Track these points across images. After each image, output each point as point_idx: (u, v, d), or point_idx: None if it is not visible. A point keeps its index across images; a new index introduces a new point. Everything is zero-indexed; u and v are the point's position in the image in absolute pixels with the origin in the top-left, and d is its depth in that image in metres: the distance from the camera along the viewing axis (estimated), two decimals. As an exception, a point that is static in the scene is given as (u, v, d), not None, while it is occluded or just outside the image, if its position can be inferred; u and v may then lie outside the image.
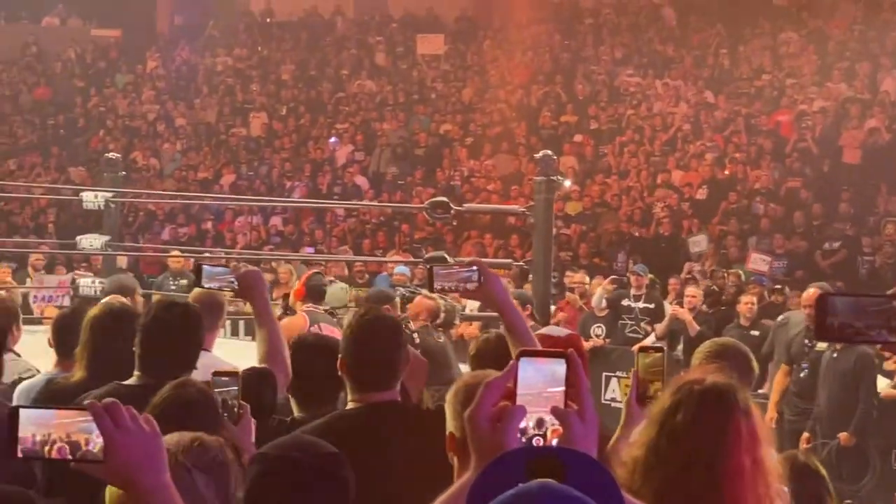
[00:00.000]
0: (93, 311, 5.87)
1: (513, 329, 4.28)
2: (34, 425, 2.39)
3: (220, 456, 3.11)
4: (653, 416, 3.15)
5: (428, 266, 4.48)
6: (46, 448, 2.38)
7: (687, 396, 3.09)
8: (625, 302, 15.85)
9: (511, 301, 4.45)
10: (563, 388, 2.25)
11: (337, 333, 8.35)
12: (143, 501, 2.50)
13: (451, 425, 3.11)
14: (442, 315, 11.37)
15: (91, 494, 3.38)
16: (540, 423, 2.24)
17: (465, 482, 2.31)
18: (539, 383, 2.25)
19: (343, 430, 4.47)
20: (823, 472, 4.63)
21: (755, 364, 5.28)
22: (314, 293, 10.28)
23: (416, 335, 10.12)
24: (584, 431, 2.23)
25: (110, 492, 2.97)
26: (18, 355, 7.22)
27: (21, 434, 2.40)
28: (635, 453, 3.11)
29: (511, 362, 2.28)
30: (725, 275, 17.13)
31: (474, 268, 4.23)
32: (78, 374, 5.59)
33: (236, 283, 5.30)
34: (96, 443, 2.40)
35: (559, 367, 2.26)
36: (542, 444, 2.22)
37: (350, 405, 4.70)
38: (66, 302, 15.04)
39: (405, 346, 4.78)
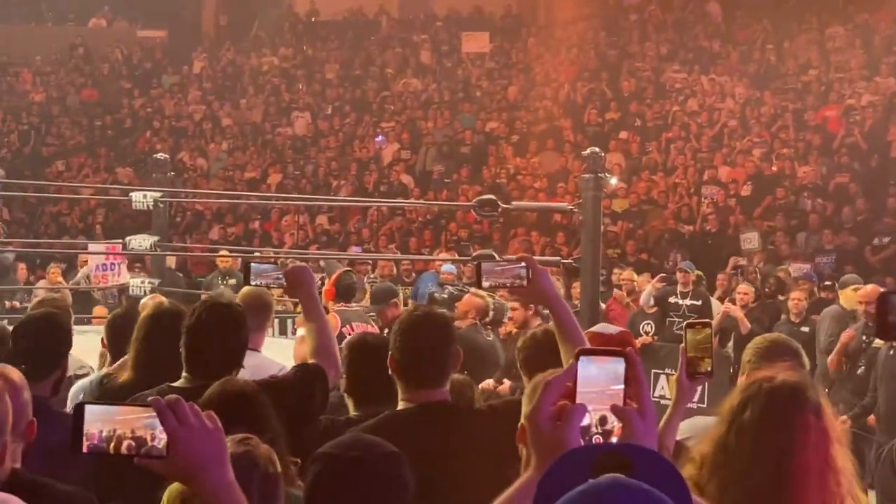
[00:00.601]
0: (144, 313, 5.89)
1: (562, 325, 4.25)
2: (99, 421, 2.40)
3: (269, 467, 3.13)
4: (722, 412, 3.15)
5: (476, 263, 4.43)
6: (112, 444, 2.39)
7: (756, 393, 3.08)
8: (672, 299, 15.77)
9: (560, 297, 4.43)
10: (622, 386, 2.25)
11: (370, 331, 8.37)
12: (208, 497, 2.51)
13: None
14: (491, 313, 11.37)
15: (146, 496, 3.41)
16: (601, 421, 2.25)
17: (526, 480, 2.32)
18: (598, 382, 2.26)
19: (395, 431, 4.45)
20: None
21: (806, 360, 5.24)
22: (344, 292, 10.26)
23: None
24: (644, 429, 2.23)
25: (170, 490, 2.99)
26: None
27: (86, 430, 2.41)
28: (704, 449, 3.11)
29: (570, 361, 2.28)
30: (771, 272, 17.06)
31: (523, 264, 4.19)
32: (126, 374, 5.62)
33: (284, 279, 5.30)
34: (160, 439, 2.41)
35: (618, 366, 2.27)
36: (601, 441, 2.23)
37: (401, 404, 4.69)
38: (123, 271, 15.06)
39: (454, 343, 4.76)
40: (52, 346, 5.53)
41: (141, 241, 14.57)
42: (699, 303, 15.67)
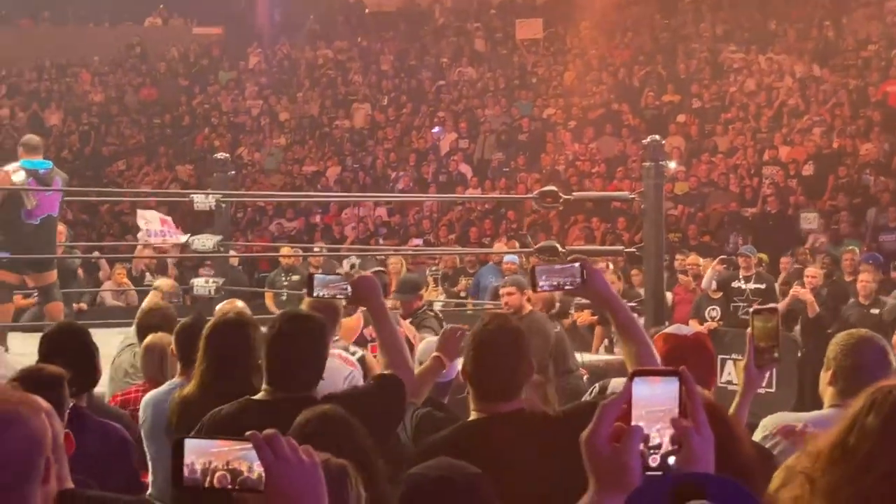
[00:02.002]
0: (209, 323, 5.87)
1: (621, 324, 4.22)
2: (194, 454, 2.42)
3: (342, 479, 3.15)
4: (847, 412, 3.14)
5: (531, 266, 4.39)
6: (207, 478, 2.41)
7: (883, 399, 3.07)
8: (735, 284, 15.68)
9: (616, 296, 4.40)
10: (677, 406, 2.26)
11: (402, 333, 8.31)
12: None
13: None
14: (557, 305, 11.35)
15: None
16: (657, 441, 2.25)
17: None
18: (653, 402, 2.26)
19: (468, 442, 4.44)
20: None
21: (892, 356, 5.16)
22: None
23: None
24: (702, 447, 2.24)
25: None
26: None
27: (185, 463, 2.43)
28: (820, 444, 3.10)
29: (625, 384, 2.28)
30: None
31: (577, 264, 4.15)
32: (191, 385, 5.63)
33: (350, 290, 5.19)
34: (256, 471, 2.43)
35: (673, 385, 2.26)
36: (657, 461, 2.23)
37: (473, 415, 4.64)
38: (178, 236, 15.14)
39: (528, 357, 4.72)
40: (89, 361, 5.58)
41: (204, 242, 14.64)
42: (763, 286, 15.56)
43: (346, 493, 2.88)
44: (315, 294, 5.20)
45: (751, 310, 4.62)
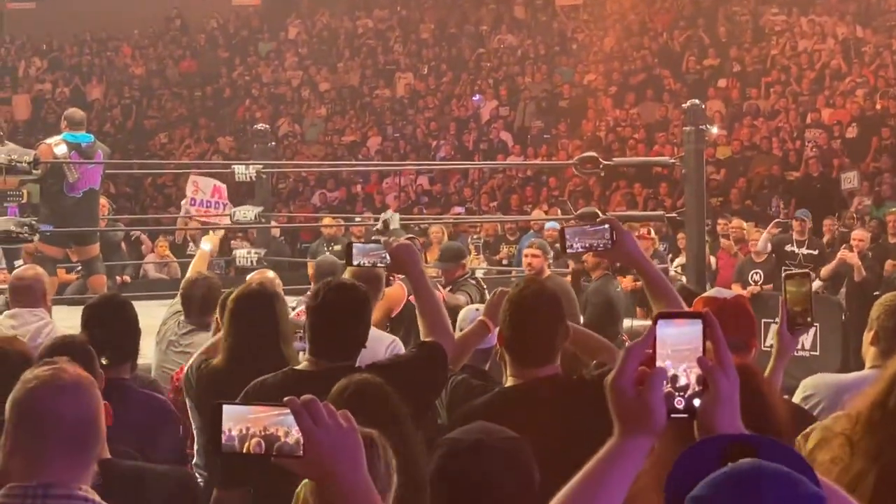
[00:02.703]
0: (233, 294, 5.83)
1: (651, 284, 4.18)
2: (231, 420, 2.42)
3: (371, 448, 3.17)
4: (885, 373, 3.12)
5: (560, 228, 4.35)
6: (245, 444, 2.42)
7: None
8: (788, 247, 15.59)
9: (646, 257, 4.35)
10: (701, 347, 2.25)
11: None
12: (342, 497, 2.53)
13: None
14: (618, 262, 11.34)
15: (273, 485, 3.43)
16: (682, 382, 2.25)
17: (612, 448, 2.31)
18: (678, 345, 2.25)
19: (505, 408, 4.44)
20: None
21: None
22: None
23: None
24: (729, 388, 2.24)
25: (306, 484, 3.03)
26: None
27: (223, 429, 2.44)
28: (860, 406, 3.09)
29: (649, 326, 2.28)
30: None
31: (607, 226, 4.11)
32: (219, 357, 5.64)
33: (388, 258, 5.12)
34: (294, 436, 2.43)
35: (697, 328, 2.26)
36: (683, 404, 2.24)
37: (509, 381, 4.65)
38: (226, 213, 15.15)
39: (564, 321, 4.70)
40: (129, 333, 5.57)
41: (245, 213, 14.70)
42: (815, 252, 15.48)
43: (376, 462, 2.88)
44: (354, 263, 5.15)
45: (783, 275, 4.59)
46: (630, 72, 26.79)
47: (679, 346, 2.25)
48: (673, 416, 2.25)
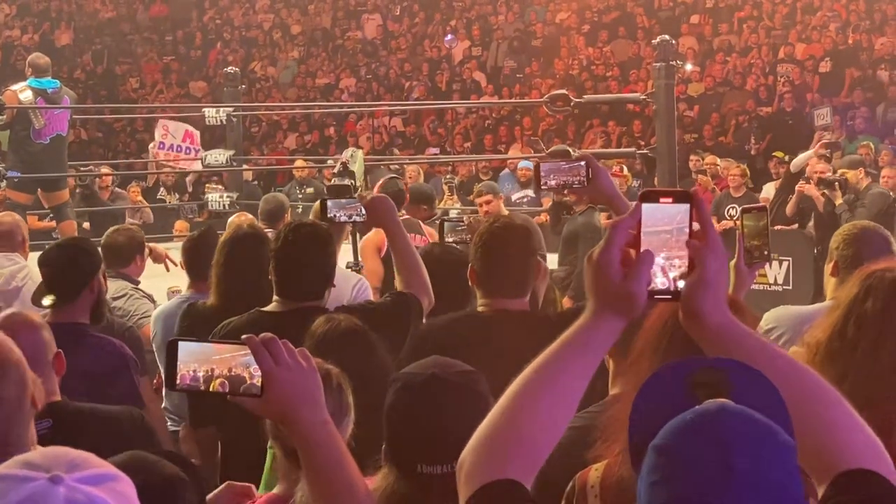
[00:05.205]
0: (223, 237, 5.86)
1: None
2: (196, 361, 2.41)
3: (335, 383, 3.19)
4: (840, 301, 3.12)
5: (535, 164, 4.32)
6: (211, 384, 2.41)
7: (878, 283, 3.05)
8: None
9: (620, 194, 4.34)
10: (687, 228, 2.14)
11: (426, 240, 8.10)
12: (302, 436, 2.53)
13: None
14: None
15: (242, 424, 3.42)
16: (666, 263, 2.14)
17: (580, 326, 2.18)
18: (663, 225, 2.14)
19: (470, 330, 4.42)
20: None
21: (895, 246, 5.13)
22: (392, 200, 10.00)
23: None
24: (717, 266, 2.13)
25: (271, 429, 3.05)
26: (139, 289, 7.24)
27: (182, 368, 2.42)
28: (819, 336, 3.08)
29: (634, 204, 2.16)
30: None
31: (582, 163, 4.08)
32: (212, 299, 5.60)
33: (364, 211, 5.12)
34: (257, 377, 2.42)
35: (683, 207, 2.14)
36: (666, 284, 2.13)
37: (480, 308, 4.59)
38: (197, 163, 15.05)
39: (535, 254, 4.68)
40: (76, 270, 5.49)
41: (217, 156, 14.65)
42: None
43: (331, 398, 2.87)
44: (329, 216, 5.11)
45: (739, 209, 4.58)
46: (603, 10, 26.65)
47: (665, 227, 2.14)
48: (656, 297, 2.15)
